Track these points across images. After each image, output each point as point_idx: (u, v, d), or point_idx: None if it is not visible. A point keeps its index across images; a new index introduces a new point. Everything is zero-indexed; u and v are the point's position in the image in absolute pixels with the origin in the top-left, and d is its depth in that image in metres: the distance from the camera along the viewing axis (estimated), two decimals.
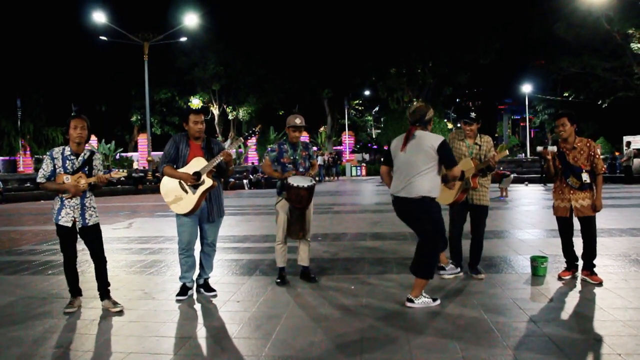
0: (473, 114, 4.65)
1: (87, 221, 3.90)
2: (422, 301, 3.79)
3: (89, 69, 30.79)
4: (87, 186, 3.87)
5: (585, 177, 4.29)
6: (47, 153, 3.96)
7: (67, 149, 3.90)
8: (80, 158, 3.89)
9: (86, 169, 3.88)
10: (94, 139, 31.90)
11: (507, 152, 4.63)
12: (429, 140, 3.75)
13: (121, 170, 4.10)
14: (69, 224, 3.86)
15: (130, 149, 37.08)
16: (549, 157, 4.40)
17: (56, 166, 3.84)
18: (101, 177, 3.88)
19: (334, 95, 33.17)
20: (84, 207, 3.90)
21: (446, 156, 3.74)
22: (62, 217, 3.86)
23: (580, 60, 24.23)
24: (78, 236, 3.95)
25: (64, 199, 3.86)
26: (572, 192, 4.36)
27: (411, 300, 3.80)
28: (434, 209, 3.83)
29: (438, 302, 3.84)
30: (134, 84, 31.18)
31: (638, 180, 17.76)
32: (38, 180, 3.88)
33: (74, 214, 3.87)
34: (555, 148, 4.41)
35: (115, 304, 3.91)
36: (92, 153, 3.99)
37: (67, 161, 3.85)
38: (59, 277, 5.08)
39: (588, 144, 4.37)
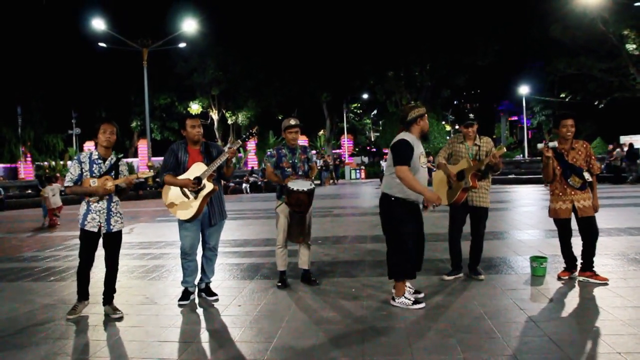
0: (471, 115, 4.71)
1: (111, 227, 3.92)
2: (401, 301, 3.84)
3: (89, 76, 30.83)
4: (113, 188, 3.87)
5: (587, 175, 4.34)
6: (75, 157, 3.97)
7: (95, 153, 3.93)
8: (107, 162, 3.92)
9: (113, 173, 3.90)
10: (93, 145, 31.90)
11: (504, 149, 4.68)
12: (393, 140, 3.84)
13: (148, 170, 4.12)
14: (95, 229, 3.87)
15: (131, 155, 37.07)
16: (549, 154, 4.41)
17: (83, 170, 3.86)
18: (129, 177, 3.89)
19: (332, 98, 33.20)
20: (110, 213, 3.91)
21: (393, 153, 3.79)
22: (88, 222, 3.87)
23: (577, 61, 24.31)
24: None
25: (90, 203, 3.87)
26: (573, 192, 4.39)
27: (393, 299, 3.91)
28: (395, 210, 3.82)
29: (421, 305, 3.81)
30: (133, 90, 31.25)
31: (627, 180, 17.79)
32: (66, 184, 3.88)
33: (100, 219, 3.88)
34: (556, 143, 4.43)
35: (115, 310, 3.93)
36: (119, 159, 4.02)
37: (95, 165, 3.88)
38: (61, 283, 5.11)
39: (585, 145, 4.45)
